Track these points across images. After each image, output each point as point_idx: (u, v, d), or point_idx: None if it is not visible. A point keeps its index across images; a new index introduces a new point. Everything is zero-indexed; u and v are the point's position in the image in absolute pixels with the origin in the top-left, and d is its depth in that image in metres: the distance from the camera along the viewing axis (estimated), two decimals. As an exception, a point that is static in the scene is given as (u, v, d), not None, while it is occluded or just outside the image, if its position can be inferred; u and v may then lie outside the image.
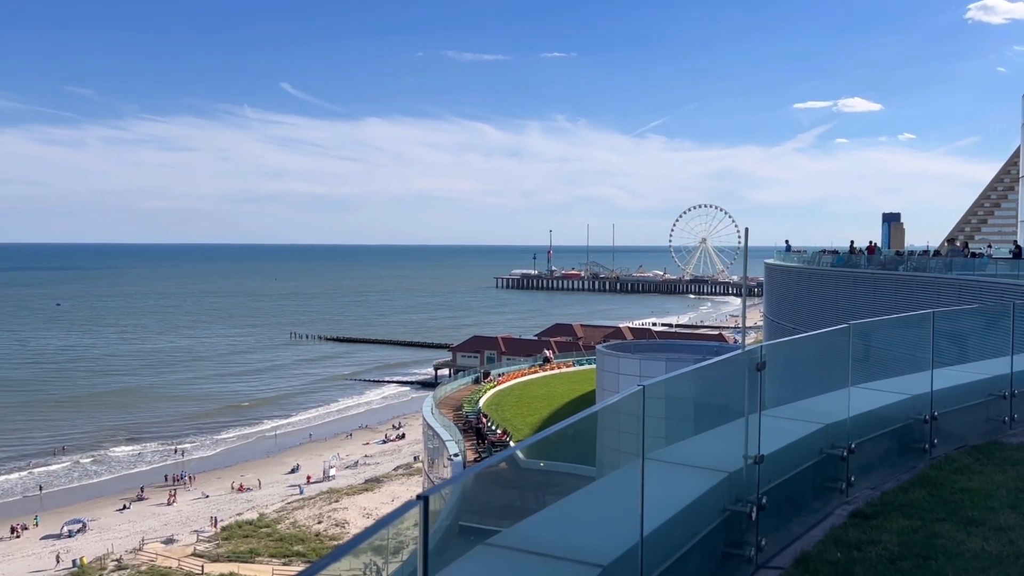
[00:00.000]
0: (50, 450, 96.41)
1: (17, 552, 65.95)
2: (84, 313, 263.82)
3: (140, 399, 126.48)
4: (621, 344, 67.86)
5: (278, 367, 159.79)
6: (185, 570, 57.65)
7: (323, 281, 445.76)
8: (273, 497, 78.79)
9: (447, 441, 50.92)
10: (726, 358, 7.83)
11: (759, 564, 7.22)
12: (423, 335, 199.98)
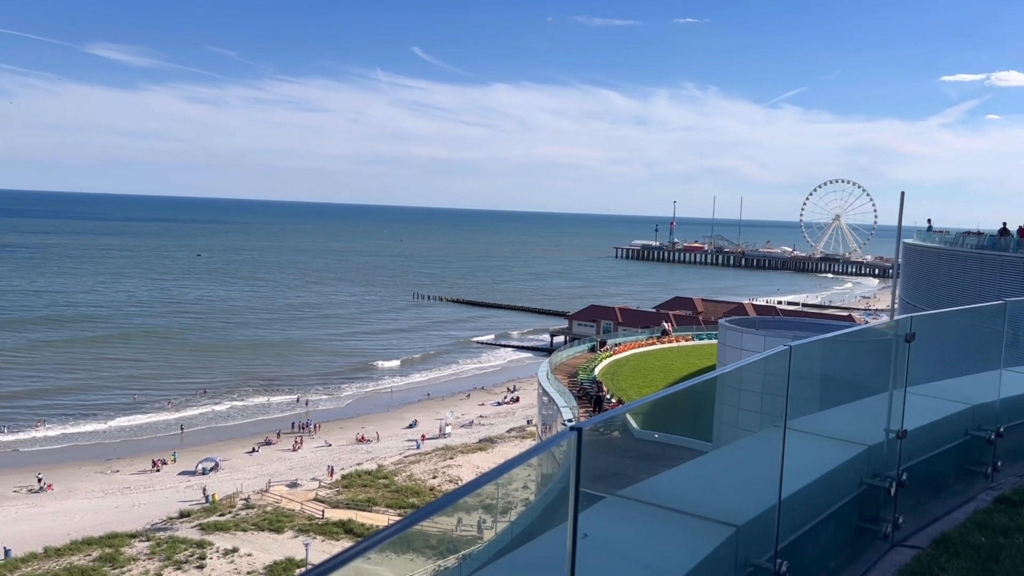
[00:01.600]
0: (192, 393, 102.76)
1: (157, 484, 70.88)
2: (220, 265, 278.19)
3: (270, 350, 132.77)
4: (745, 319, 66.11)
5: (400, 326, 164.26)
6: (307, 513, 60.46)
7: (445, 244, 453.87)
8: (391, 450, 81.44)
9: (562, 407, 51.14)
10: (874, 326, 7.48)
11: (895, 542, 6.95)
12: (540, 302, 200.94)
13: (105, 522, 59.62)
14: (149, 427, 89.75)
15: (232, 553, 52.51)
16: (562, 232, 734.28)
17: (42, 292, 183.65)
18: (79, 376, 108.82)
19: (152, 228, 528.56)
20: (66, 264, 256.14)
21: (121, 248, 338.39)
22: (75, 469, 73.93)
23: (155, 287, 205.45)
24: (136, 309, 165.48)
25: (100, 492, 68.34)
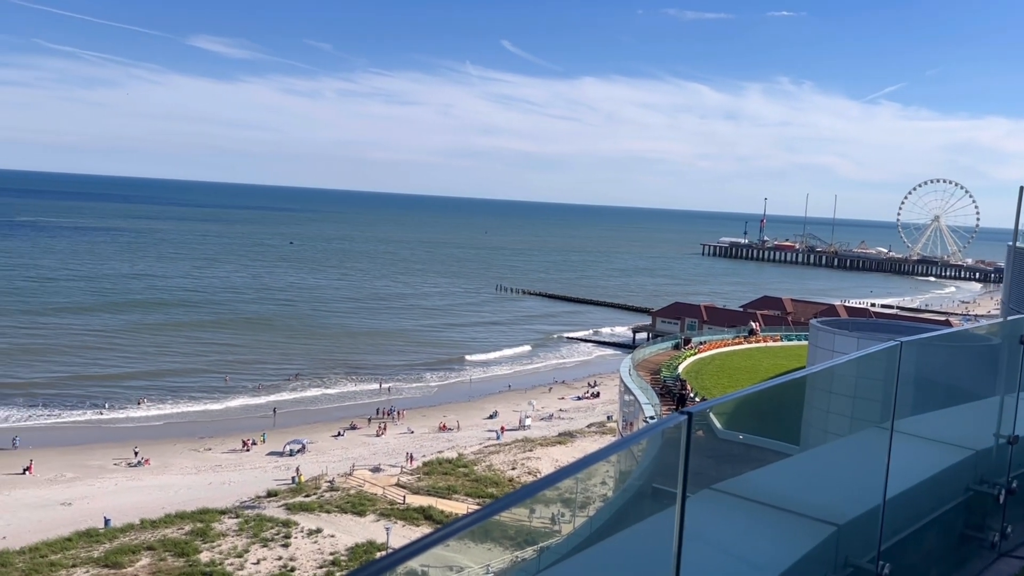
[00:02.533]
0: (282, 378, 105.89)
1: (246, 464, 73.35)
2: (311, 253, 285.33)
3: (357, 337, 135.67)
4: (837, 320, 64.13)
5: (483, 317, 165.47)
6: (388, 498, 61.58)
7: (529, 238, 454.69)
8: (471, 439, 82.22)
9: (644, 404, 50.67)
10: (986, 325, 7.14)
11: (1002, 552, 6.63)
12: (623, 297, 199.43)
13: (197, 498, 62.00)
14: (240, 408, 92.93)
15: (316, 534, 53.91)
16: (648, 228, 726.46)
17: (142, 275, 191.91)
18: (175, 359, 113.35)
19: (247, 216, 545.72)
20: (165, 249, 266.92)
21: (218, 234, 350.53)
22: (171, 446, 77.14)
23: (248, 273, 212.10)
24: (230, 295, 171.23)
25: (193, 469, 71.13)
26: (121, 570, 47.77)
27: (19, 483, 65.17)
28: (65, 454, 73.03)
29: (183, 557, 49.61)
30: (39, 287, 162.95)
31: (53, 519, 57.19)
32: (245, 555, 50.45)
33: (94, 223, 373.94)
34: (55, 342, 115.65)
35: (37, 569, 47.38)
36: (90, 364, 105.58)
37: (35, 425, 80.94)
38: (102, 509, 58.36)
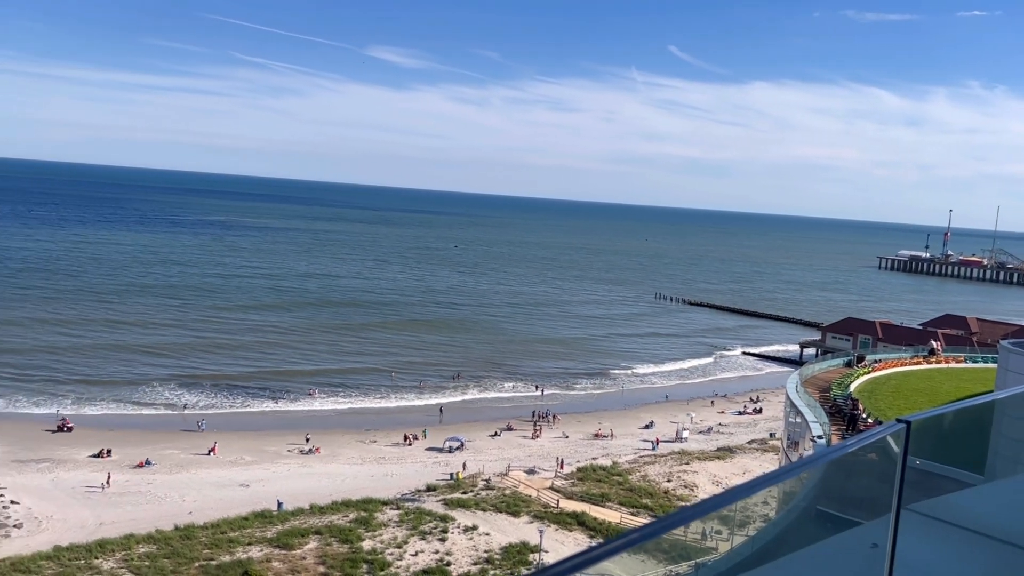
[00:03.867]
0: (443, 377, 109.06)
1: (408, 457, 75.97)
2: (473, 257, 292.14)
3: (515, 340, 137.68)
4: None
5: (640, 324, 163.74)
6: (542, 501, 62.06)
7: (691, 246, 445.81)
8: (626, 448, 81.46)
9: (811, 422, 48.43)
10: None
11: None
12: (790, 311, 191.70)
13: (362, 487, 64.83)
14: (404, 405, 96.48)
15: (472, 530, 55.08)
16: (819, 238, 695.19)
17: (317, 275, 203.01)
18: (346, 356, 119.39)
19: (415, 219, 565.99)
20: (339, 250, 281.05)
21: (387, 237, 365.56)
22: (339, 436, 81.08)
23: (414, 275, 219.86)
24: (396, 296, 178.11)
25: (359, 459, 74.43)
26: (291, 552, 50.62)
27: (204, 463, 70.48)
28: (244, 439, 78.33)
29: (347, 544, 51.98)
30: (225, 283, 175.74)
31: (232, 498, 61.43)
32: (404, 546, 52.24)
33: (276, 224, 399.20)
34: (239, 338, 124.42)
35: (218, 544, 51.01)
36: (269, 358, 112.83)
37: (219, 412, 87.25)
38: (276, 492, 62.10)
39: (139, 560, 48.12)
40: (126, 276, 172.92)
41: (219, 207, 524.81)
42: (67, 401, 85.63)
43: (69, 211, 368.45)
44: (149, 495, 61.59)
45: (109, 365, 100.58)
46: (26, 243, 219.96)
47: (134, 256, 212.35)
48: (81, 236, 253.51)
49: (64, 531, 53.46)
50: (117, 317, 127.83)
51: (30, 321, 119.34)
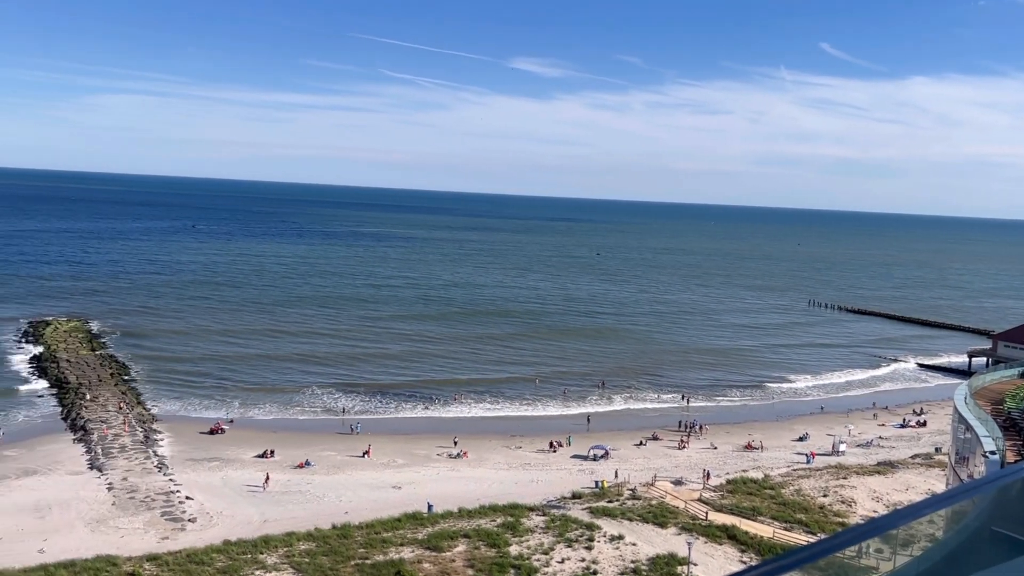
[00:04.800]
0: (588, 385, 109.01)
1: (553, 464, 76.22)
2: (614, 264, 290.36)
3: (660, 348, 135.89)
4: None
5: (792, 333, 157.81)
6: (690, 512, 60.74)
7: (847, 249, 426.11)
8: (778, 461, 78.57)
9: (982, 436, 45.19)
10: None
11: None
12: (957, 317, 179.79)
13: (508, 492, 65.58)
14: (549, 411, 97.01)
15: (618, 540, 54.59)
16: (990, 240, 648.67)
17: (461, 284, 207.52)
18: (491, 362, 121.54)
19: (556, 227, 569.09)
20: (482, 259, 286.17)
21: (529, 245, 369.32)
22: (486, 441, 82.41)
23: (555, 283, 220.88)
24: (538, 304, 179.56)
25: (505, 464, 75.36)
26: (441, 554, 51.81)
27: (359, 465, 73.33)
28: (396, 442, 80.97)
29: (495, 548, 52.67)
30: (376, 293, 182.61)
31: (386, 500, 63.55)
32: (551, 552, 52.40)
33: (422, 234, 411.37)
34: (390, 347, 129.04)
35: (372, 544, 52.88)
36: (417, 365, 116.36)
37: (372, 417, 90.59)
38: (426, 495, 63.77)
39: (300, 556, 50.54)
40: (285, 287, 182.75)
41: (369, 219, 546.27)
42: (234, 404, 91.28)
43: (231, 225, 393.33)
44: (309, 494, 64.64)
45: (270, 372, 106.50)
46: (195, 256, 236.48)
47: (292, 267, 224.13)
48: (243, 249, 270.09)
49: (232, 526, 56.89)
50: (277, 327, 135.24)
51: (199, 331, 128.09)
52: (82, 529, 55.44)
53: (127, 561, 48.65)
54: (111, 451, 71.94)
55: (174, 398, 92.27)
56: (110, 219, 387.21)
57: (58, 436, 77.26)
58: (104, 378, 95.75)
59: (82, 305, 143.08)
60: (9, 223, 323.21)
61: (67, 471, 67.27)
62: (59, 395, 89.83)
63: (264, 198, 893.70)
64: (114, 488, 63.19)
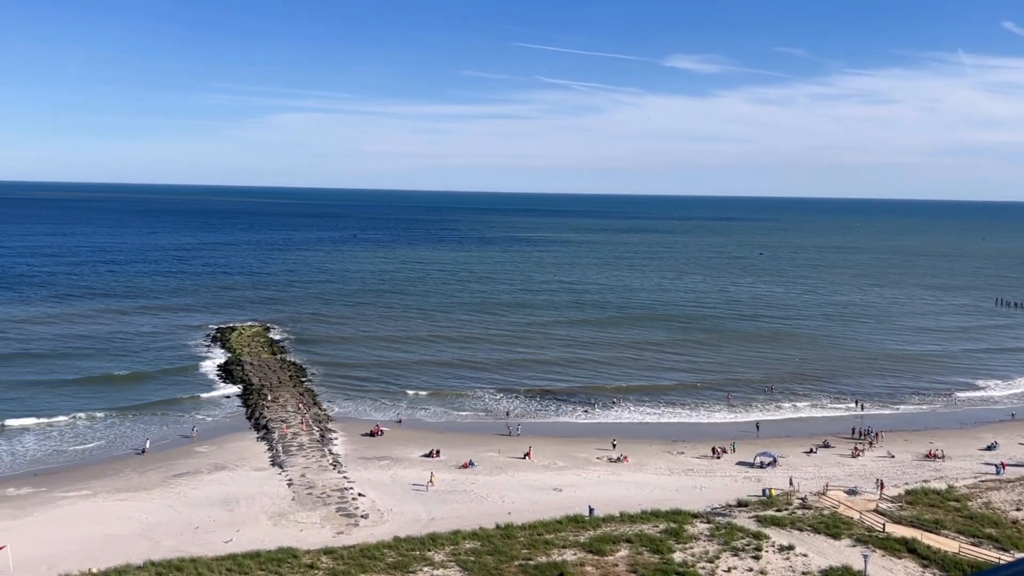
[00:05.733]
0: (753, 389, 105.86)
1: (716, 471, 74.33)
2: (778, 264, 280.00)
3: (830, 351, 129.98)
4: None
5: (976, 335, 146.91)
6: (866, 524, 57.60)
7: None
8: (964, 471, 73.19)
9: None
10: None
11: None
12: None
13: (670, 498, 64.54)
14: (712, 417, 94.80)
15: (788, 550, 52.54)
16: None
17: (616, 287, 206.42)
18: (647, 369, 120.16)
19: (716, 227, 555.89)
20: (636, 260, 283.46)
21: (685, 246, 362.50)
22: (646, 446, 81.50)
23: (714, 285, 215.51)
24: (697, 308, 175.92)
25: (666, 470, 74.21)
26: (603, 557, 51.64)
27: (520, 466, 74.34)
28: (556, 444, 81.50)
29: (657, 554, 51.95)
30: (532, 298, 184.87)
31: (547, 502, 64.09)
32: (716, 561, 51.10)
33: (577, 237, 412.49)
34: (547, 352, 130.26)
35: (535, 545, 53.45)
36: (575, 369, 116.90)
37: (533, 421, 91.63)
38: (587, 498, 63.79)
39: (465, 555, 51.79)
40: (445, 292, 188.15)
41: (524, 224, 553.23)
42: (401, 406, 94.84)
43: (395, 234, 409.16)
44: (473, 494, 66.17)
45: (433, 377, 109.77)
46: (363, 265, 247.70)
47: (452, 273, 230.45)
48: (406, 256, 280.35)
49: (402, 523, 59.08)
50: (439, 332, 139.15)
51: (366, 337, 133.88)
52: (265, 522, 59.22)
53: (306, 554, 51.50)
54: (290, 449, 76.48)
55: (345, 399, 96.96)
56: (285, 230, 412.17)
57: (243, 434, 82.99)
58: (283, 380, 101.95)
59: (262, 312, 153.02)
60: (196, 237, 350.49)
61: (252, 467, 72.09)
62: (244, 396, 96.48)
63: (425, 207, 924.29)
64: (293, 484, 67.12)
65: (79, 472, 71.22)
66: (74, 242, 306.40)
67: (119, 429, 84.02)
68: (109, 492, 65.44)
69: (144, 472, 70.73)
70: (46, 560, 51.02)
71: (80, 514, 60.69)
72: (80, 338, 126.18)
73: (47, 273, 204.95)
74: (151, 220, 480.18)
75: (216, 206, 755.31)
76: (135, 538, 55.73)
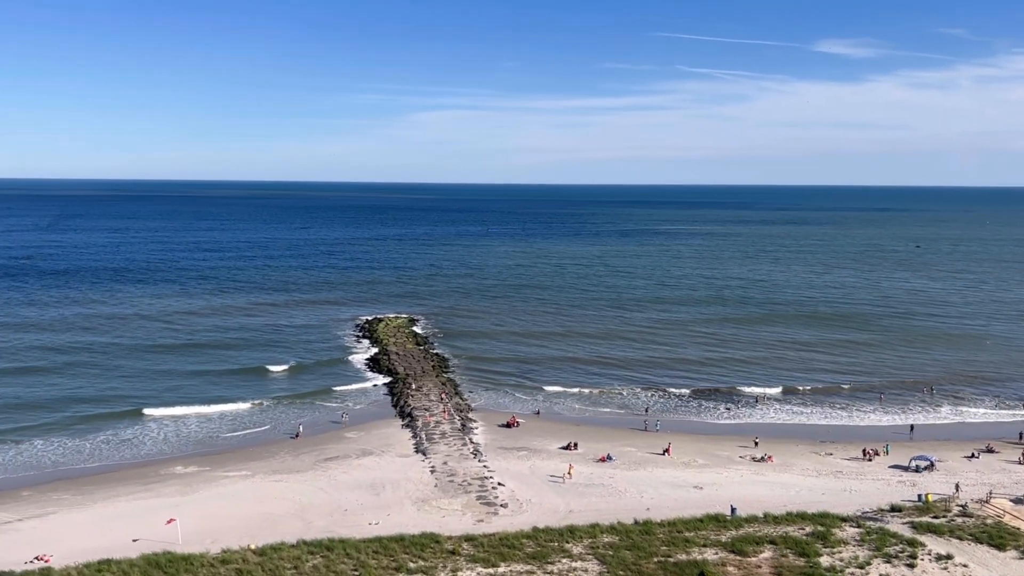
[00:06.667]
0: (907, 389, 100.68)
1: (868, 474, 70.87)
2: (935, 257, 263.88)
3: (996, 352, 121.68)
4: None
5: None
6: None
7: None
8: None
9: None
10: None
11: None
12: None
13: (816, 500, 62.15)
14: (862, 417, 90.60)
15: (946, 560, 49.54)
16: None
17: (759, 282, 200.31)
18: (793, 366, 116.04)
19: (868, 218, 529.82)
20: (783, 254, 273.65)
21: (836, 238, 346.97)
22: (792, 446, 78.75)
23: (866, 280, 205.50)
24: (847, 305, 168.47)
25: (814, 471, 71.44)
26: (746, 558, 50.32)
27: (659, 462, 73.45)
28: (697, 442, 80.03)
29: (804, 557, 50.13)
30: (669, 293, 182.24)
31: (686, 499, 63.08)
32: (867, 567, 48.81)
33: (718, 230, 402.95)
34: (684, 351, 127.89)
35: (674, 542, 52.72)
36: (715, 364, 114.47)
37: (673, 418, 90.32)
38: (729, 497, 62.32)
39: (603, 548, 51.71)
40: (581, 288, 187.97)
41: (663, 217, 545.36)
42: (538, 399, 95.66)
43: (532, 228, 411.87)
44: (611, 488, 65.96)
45: (570, 373, 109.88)
46: (500, 260, 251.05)
47: (588, 267, 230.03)
48: (543, 251, 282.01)
49: (540, 514, 59.64)
50: (575, 328, 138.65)
51: (504, 332, 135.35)
52: (410, 507, 61.20)
53: (448, 540, 52.86)
54: (433, 436, 78.68)
55: (484, 391, 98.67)
56: (426, 225, 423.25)
57: (389, 421, 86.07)
58: (427, 370, 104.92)
59: (405, 305, 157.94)
60: (343, 232, 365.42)
61: (397, 453, 74.66)
62: (389, 384, 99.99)
63: (563, 201, 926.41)
64: (436, 471, 69.01)
65: (239, 453, 75.93)
66: (233, 237, 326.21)
67: (274, 415, 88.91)
68: (266, 473, 69.43)
69: (297, 455, 74.58)
70: (210, 534, 54.67)
71: (240, 493, 64.71)
72: (239, 329, 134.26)
73: (208, 267, 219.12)
74: (302, 216, 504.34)
75: (361, 202, 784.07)
76: (289, 517, 58.89)
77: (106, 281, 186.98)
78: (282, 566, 48.55)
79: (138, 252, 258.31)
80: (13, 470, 71.47)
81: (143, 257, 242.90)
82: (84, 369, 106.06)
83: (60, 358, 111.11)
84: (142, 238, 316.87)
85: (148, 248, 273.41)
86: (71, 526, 57.76)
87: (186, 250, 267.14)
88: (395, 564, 48.94)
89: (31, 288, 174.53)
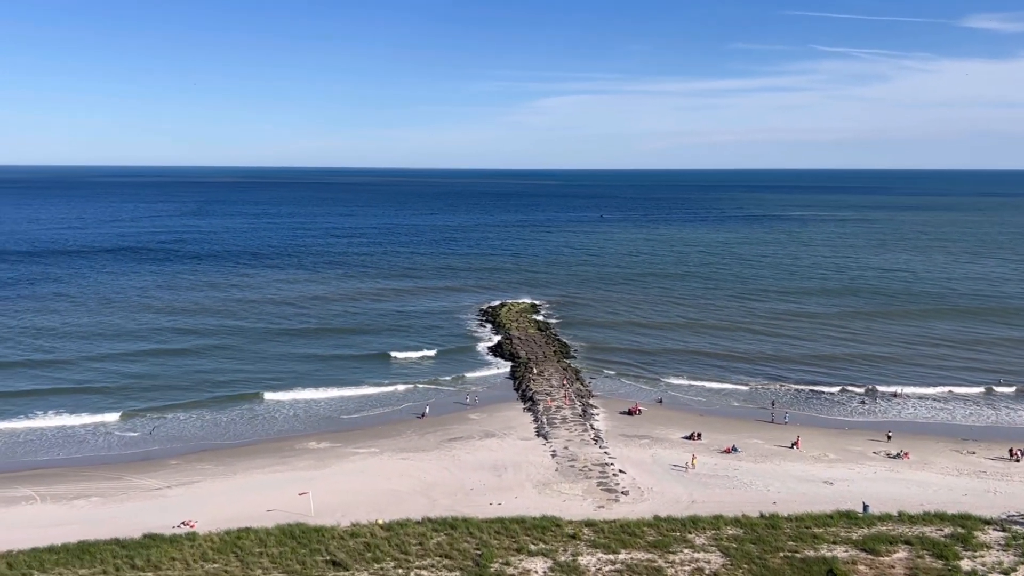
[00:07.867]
0: None
1: (1015, 474, 66.51)
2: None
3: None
4: None
5: None
6: None
7: None
8: None
9: None
10: None
11: None
12: None
13: (957, 501, 58.98)
14: (1012, 417, 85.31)
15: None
16: None
17: (895, 271, 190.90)
18: (933, 362, 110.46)
19: (1019, 204, 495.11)
20: (922, 242, 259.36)
21: (979, 225, 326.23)
22: (931, 443, 74.93)
23: (1016, 270, 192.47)
24: (996, 299, 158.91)
25: (954, 470, 67.75)
26: (878, 557, 48.31)
27: (787, 456, 71.35)
28: (827, 436, 77.26)
29: (941, 559, 47.71)
30: (797, 283, 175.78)
31: (815, 494, 61.03)
32: (1012, 574, 46.01)
33: (851, 215, 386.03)
34: (815, 344, 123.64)
35: (801, 538, 51.16)
36: (848, 358, 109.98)
37: (802, 412, 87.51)
38: (861, 494, 59.94)
39: (727, 541, 50.73)
40: (704, 275, 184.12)
41: (795, 202, 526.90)
42: (660, 387, 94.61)
43: (655, 214, 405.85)
44: (735, 480, 64.59)
45: (692, 365, 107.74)
46: (620, 246, 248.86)
47: (712, 254, 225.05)
48: (664, 236, 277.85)
49: (662, 503, 59.06)
50: (698, 319, 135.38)
51: (624, 321, 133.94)
52: (530, 489, 61.84)
53: (569, 524, 53.12)
54: (554, 421, 79.14)
55: (605, 378, 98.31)
56: (549, 211, 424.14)
57: (511, 404, 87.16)
58: (548, 355, 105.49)
59: (526, 291, 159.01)
60: (466, 218, 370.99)
61: (518, 436, 75.54)
62: (513, 368, 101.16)
63: (688, 185, 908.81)
64: (557, 455, 69.42)
65: (368, 431, 78.72)
66: (361, 223, 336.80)
67: (401, 396, 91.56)
68: (393, 451, 71.68)
69: (423, 435, 76.62)
70: (340, 508, 56.95)
71: (369, 469, 67.09)
72: (367, 314, 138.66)
73: (339, 252, 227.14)
74: (426, 202, 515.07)
75: (483, 188, 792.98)
76: (414, 495, 60.62)
77: (242, 266, 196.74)
78: (408, 541, 50.06)
79: (273, 237, 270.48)
80: (163, 441, 76.67)
81: (278, 242, 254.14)
82: (219, 351, 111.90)
83: (199, 341, 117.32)
84: (277, 224, 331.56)
85: (281, 233, 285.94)
86: (213, 494, 61.43)
87: (318, 235, 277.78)
88: (516, 545, 49.61)
89: (176, 271, 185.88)
